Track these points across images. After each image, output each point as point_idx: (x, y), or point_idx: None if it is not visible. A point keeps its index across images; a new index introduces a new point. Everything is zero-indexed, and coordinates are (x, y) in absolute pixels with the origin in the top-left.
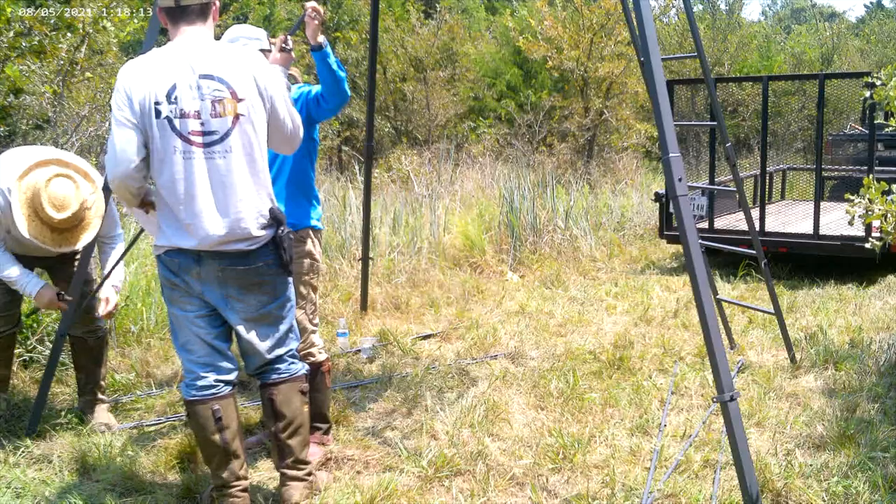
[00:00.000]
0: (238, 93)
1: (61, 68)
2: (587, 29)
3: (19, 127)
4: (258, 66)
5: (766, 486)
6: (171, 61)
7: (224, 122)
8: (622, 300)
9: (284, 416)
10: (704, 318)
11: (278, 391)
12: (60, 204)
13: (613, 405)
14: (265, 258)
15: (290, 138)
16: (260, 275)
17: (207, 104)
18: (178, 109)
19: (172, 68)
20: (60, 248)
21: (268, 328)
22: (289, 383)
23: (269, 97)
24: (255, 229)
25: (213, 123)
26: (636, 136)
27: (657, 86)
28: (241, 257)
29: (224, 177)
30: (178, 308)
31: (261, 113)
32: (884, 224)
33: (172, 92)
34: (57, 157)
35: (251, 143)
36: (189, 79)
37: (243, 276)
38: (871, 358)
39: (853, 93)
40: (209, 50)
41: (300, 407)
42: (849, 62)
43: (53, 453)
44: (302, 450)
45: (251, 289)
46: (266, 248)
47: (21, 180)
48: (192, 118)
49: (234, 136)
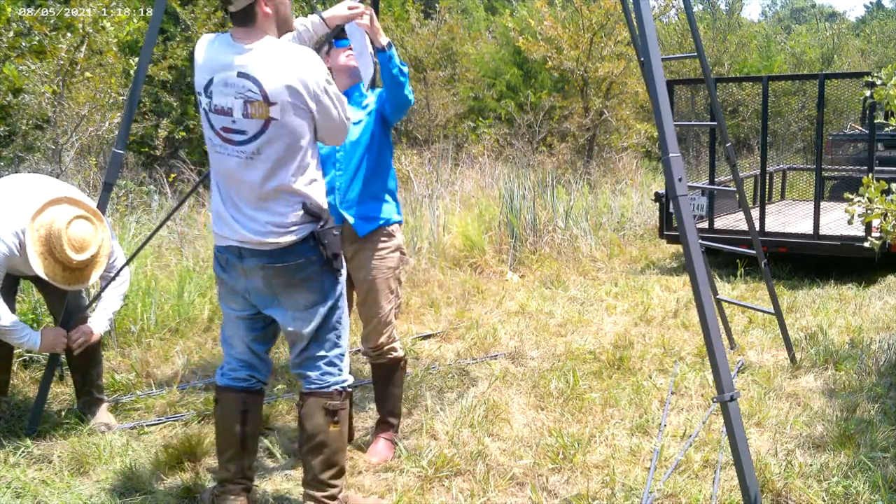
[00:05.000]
0: (270, 96)
1: (61, 68)
2: (587, 29)
3: (19, 127)
4: (301, 68)
5: (766, 486)
6: (216, 54)
7: (255, 123)
8: (622, 300)
9: (305, 430)
10: (704, 318)
11: (304, 403)
12: (80, 245)
13: (613, 405)
14: (307, 254)
15: (339, 132)
16: (302, 270)
17: (240, 103)
18: (212, 104)
19: (215, 61)
20: (71, 286)
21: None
22: (315, 397)
23: (314, 96)
24: (288, 226)
25: (243, 123)
26: (636, 136)
27: (657, 86)
28: (280, 254)
29: (253, 176)
30: (224, 304)
31: (298, 116)
32: (884, 223)
33: (209, 86)
34: (65, 194)
35: (283, 147)
36: (225, 75)
37: (284, 272)
38: (871, 358)
39: (853, 93)
40: (251, 49)
41: (324, 425)
42: (849, 62)
43: (53, 453)
44: (323, 470)
45: (297, 286)
46: (306, 243)
47: (34, 220)
48: (225, 115)
49: (264, 139)
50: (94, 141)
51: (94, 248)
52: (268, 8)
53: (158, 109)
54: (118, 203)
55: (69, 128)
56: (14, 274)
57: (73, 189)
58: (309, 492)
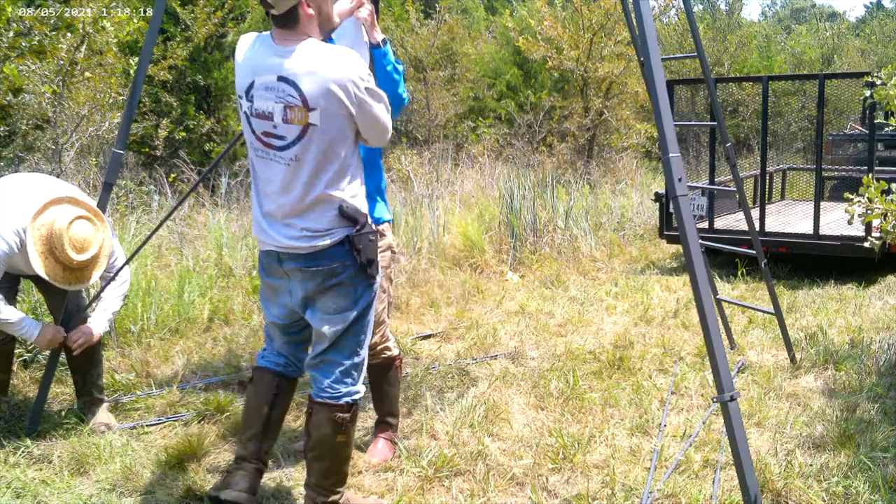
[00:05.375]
0: (310, 101)
1: (61, 68)
2: (587, 29)
3: (19, 127)
4: (341, 71)
5: (766, 486)
6: (257, 56)
7: (293, 129)
8: (622, 300)
9: (311, 437)
10: (704, 318)
11: (315, 411)
12: (81, 246)
13: (613, 405)
14: (341, 259)
15: (382, 132)
16: (336, 275)
17: (280, 108)
18: (253, 108)
19: (256, 64)
20: (72, 285)
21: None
22: (326, 408)
23: (355, 98)
24: (323, 231)
25: (283, 128)
26: (636, 136)
27: (657, 86)
28: (315, 257)
29: (290, 182)
30: (265, 307)
31: (338, 121)
32: (884, 223)
33: (250, 90)
34: (66, 193)
35: (322, 152)
36: (266, 79)
37: (318, 276)
38: (871, 358)
39: (853, 93)
40: (291, 51)
41: (331, 436)
42: (849, 62)
43: (53, 453)
44: (326, 477)
45: (330, 290)
46: (342, 247)
47: (35, 220)
48: (266, 119)
49: (303, 145)
50: (94, 141)
51: (94, 249)
52: (310, 9)
53: (158, 109)
54: (118, 203)
55: (69, 128)
56: (15, 273)
57: (74, 189)
58: (310, 494)
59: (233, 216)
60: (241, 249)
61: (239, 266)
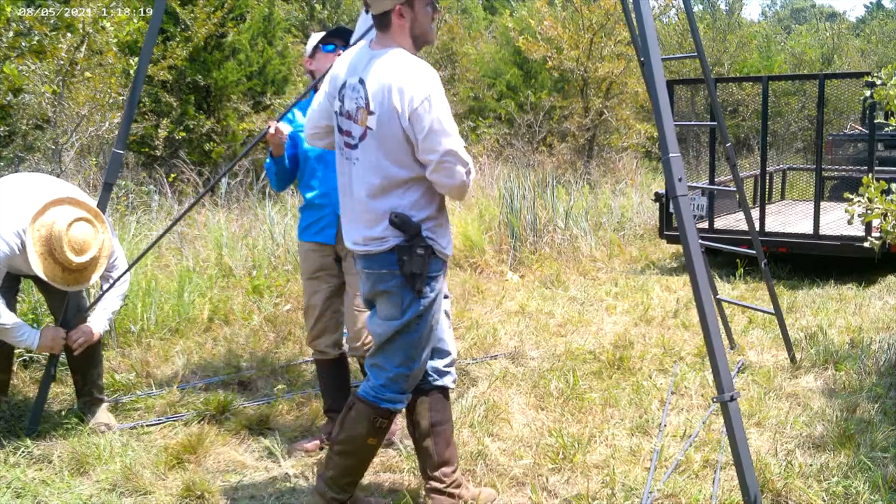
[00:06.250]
0: (371, 105)
1: (61, 68)
2: (587, 29)
3: (19, 127)
4: (406, 83)
5: (766, 486)
6: (356, 58)
7: (358, 130)
8: (622, 300)
9: (343, 430)
10: (704, 318)
11: (355, 406)
12: (80, 248)
13: (613, 405)
14: (390, 266)
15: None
16: (385, 282)
17: (355, 108)
18: (343, 108)
19: (352, 65)
20: (71, 286)
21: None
22: (368, 408)
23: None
24: (373, 237)
25: (354, 128)
26: (636, 136)
27: (657, 86)
28: (370, 261)
29: (354, 181)
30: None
31: (392, 130)
32: (884, 223)
33: (342, 90)
34: (67, 194)
35: (376, 157)
36: (353, 80)
37: (372, 279)
38: (871, 358)
39: (853, 93)
40: (376, 56)
41: (363, 436)
42: (849, 62)
43: (53, 453)
44: (343, 475)
45: (381, 296)
46: (392, 255)
47: (35, 221)
48: (348, 118)
49: (363, 147)
50: (94, 141)
51: (94, 251)
52: (403, 19)
53: (158, 109)
54: (118, 203)
55: (69, 128)
56: (15, 273)
57: (75, 189)
58: (321, 487)
59: (233, 216)
60: (241, 249)
61: (239, 266)
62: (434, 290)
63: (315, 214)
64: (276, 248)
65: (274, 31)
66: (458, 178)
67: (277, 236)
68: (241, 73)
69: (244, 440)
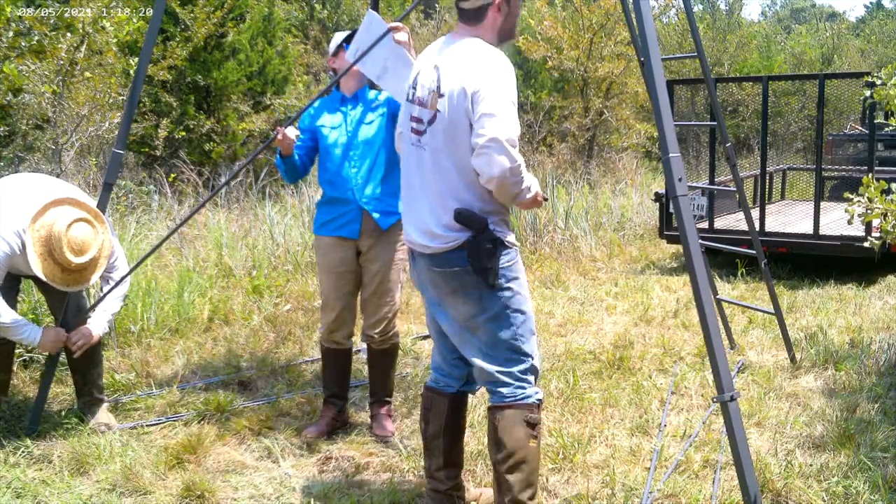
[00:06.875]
0: (442, 88)
1: (61, 68)
2: (587, 29)
3: (19, 127)
4: (481, 71)
5: (766, 486)
6: (434, 48)
7: (427, 113)
8: (622, 300)
9: (504, 446)
10: (704, 318)
11: (501, 417)
12: (79, 249)
13: (613, 405)
14: (460, 263)
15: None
16: (458, 279)
17: (426, 92)
18: (414, 94)
19: (430, 54)
20: (70, 287)
21: (477, 340)
22: (513, 409)
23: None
24: (440, 232)
25: (423, 113)
26: (636, 136)
27: (657, 86)
28: (438, 259)
29: (423, 170)
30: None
31: (461, 116)
32: (884, 223)
33: (417, 76)
34: (67, 195)
35: (442, 143)
36: (427, 67)
37: (442, 278)
38: (871, 358)
39: (853, 93)
40: (455, 44)
41: (524, 439)
42: (849, 62)
43: (53, 453)
44: (523, 490)
45: (454, 294)
46: (461, 251)
47: (35, 221)
48: (419, 105)
49: (431, 132)
50: (94, 141)
51: (93, 252)
52: (499, 14)
53: (158, 109)
54: (118, 203)
55: (69, 128)
56: (15, 273)
57: (75, 189)
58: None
59: (233, 216)
60: (240, 249)
61: (239, 266)
62: (510, 279)
63: (338, 210)
64: (276, 248)
65: (274, 31)
66: (496, 170)
67: (277, 236)
68: (241, 73)
69: (244, 440)
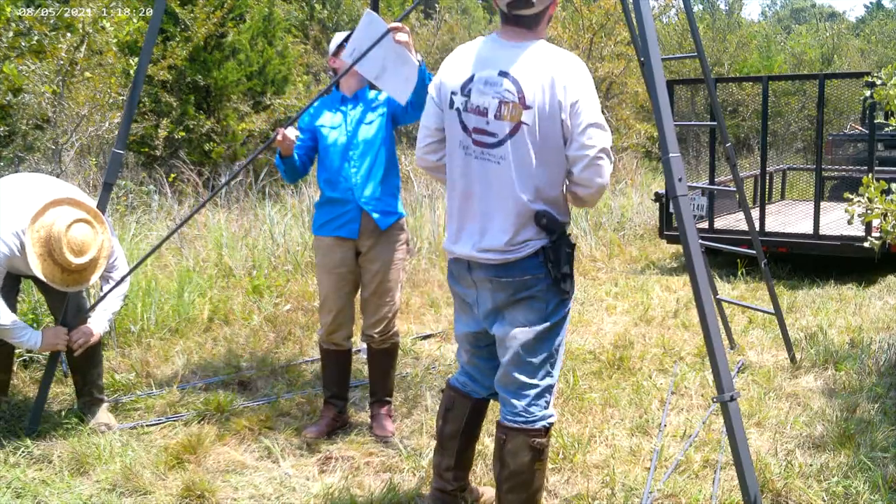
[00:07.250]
0: (527, 99)
1: (61, 68)
2: (587, 29)
3: (19, 127)
4: (567, 75)
5: (766, 486)
6: (483, 52)
7: (505, 126)
8: (622, 300)
9: (508, 466)
10: (704, 318)
11: (509, 437)
12: (79, 249)
13: (613, 405)
14: (534, 271)
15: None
16: (528, 288)
17: (496, 103)
18: (469, 103)
19: (481, 59)
20: (70, 287)
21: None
22: (523, 434)
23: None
24: (518, 242)
25: (494, 125)
26: (636, 136)
27: (657, 86)
28: (507, 268)
29: (492, 182)
30: (457, 316)
31: (551, 124)
32: (884, 223)
33: (468, 84)
34: (67, 195)
35: (529, 154)
36: (487, 73)
37: (509, 287)
38: (871, 358)
39: (853, 93)
40: (519, 48)
41: (529, 464)
42: (849, 62)
43: (53, 453)
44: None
45: (521, 303)
46: (536, 258)
47: (35, 222)
48: (480, 115)
49: (511, 144)
50: (94, 141)
51: (93, 252)
52: (552, 12)
53: (158, 109)
54: (118, 203)
55: (69, 128)
56: (15, 274)
57: (75, 190)
58: None
59: (233, 216)
60: (240, 249)
61: (239, 266)
62: (574, 286)
63: (337, 210)
64: (276, 248)
65: (274, 31)
66: (606, 178)
67: (277, 236)
68: (241, 73)
69: (244, 440)
